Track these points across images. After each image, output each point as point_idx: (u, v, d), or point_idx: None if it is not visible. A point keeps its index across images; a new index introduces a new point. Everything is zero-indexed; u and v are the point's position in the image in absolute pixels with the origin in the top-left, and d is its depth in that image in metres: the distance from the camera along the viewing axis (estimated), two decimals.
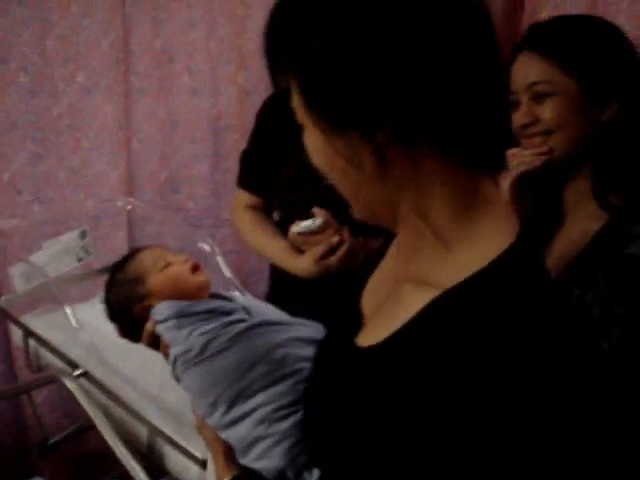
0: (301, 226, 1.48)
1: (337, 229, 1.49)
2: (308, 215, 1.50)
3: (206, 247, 1.94)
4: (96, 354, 1.56)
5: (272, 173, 1.75)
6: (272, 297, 1.87)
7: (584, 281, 1.15)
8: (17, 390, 1.99)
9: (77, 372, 1.59)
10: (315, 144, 0.72)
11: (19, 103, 2.17)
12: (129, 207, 2.28)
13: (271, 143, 1.75)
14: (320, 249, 1.47)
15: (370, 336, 0.76)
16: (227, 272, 1.86)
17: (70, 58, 2.21)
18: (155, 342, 1.15)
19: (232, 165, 2.47)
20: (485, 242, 0.70)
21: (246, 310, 1.13)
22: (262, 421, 0.94)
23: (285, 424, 0.93)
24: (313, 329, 1.06)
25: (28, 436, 2.52)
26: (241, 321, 1.07)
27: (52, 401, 2.41)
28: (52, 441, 1.75)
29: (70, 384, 1.56)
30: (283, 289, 1.80)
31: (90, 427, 1.70)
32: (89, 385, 1.61)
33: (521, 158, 1.24)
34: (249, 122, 1.87)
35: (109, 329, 1.85)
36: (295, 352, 0.99)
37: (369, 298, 0.89)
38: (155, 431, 1.46)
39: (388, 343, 0.71)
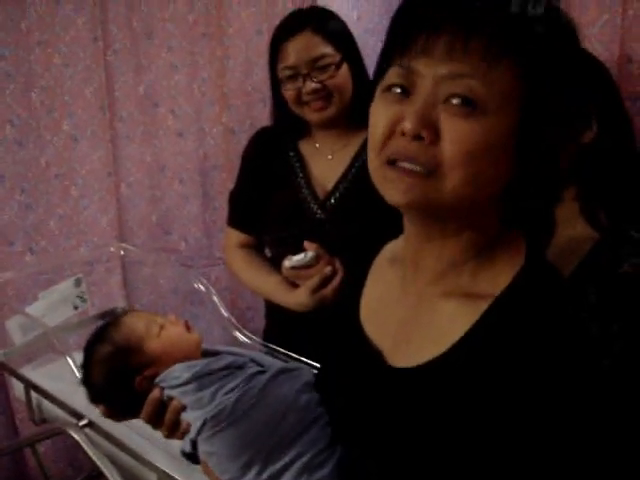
0: (293, 260, 1.50)
1: (329, 260, 1.51)
2: (300, 249, 1.52)
3: (201, 287, 1.95)
4: None
5: (261, 210, 1.76)
6: (269, 333, 1.87)
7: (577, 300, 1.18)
8: (22, 444, 1.97)
9: (82, 422, 1.59)
10: (489, 132, 0.72)
11: (6, 155, 2.19)
12: (122, 252, 2.29)
13: (258, 181, 1.77)
14: (314, 281, 1.49)
15: (413, 356, 0.81)
16: (224, 311, 1.87)
17: (55, 108, 2.24)
18: (158, 413, 1.08)
19: (222, 203, 2.49)
20: (508, 258, 0.81)
21: (254, 361, 1.10)
22: (303, 471, 0.92)
23: (326, 469, 0.91)
24: (310, 372, 1.05)
25: None
26: (260, 373, 1.04)
27: (56, 451, 2.39)
28: None
29: (76, 435, 1.55)
30: (280, 324, 1.81)
31: (97, 476, 1.70)
32: (95, 434, 1.61)
33: None
34: (236, 160, 1.89)
35: None
36: (313, 396, 0.98)
37: (377, 324, 0.92)
38: (165, 477, 1.46)
39: (450, 356, 0.77)
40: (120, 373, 1.10)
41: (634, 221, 1.22)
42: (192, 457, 1.05)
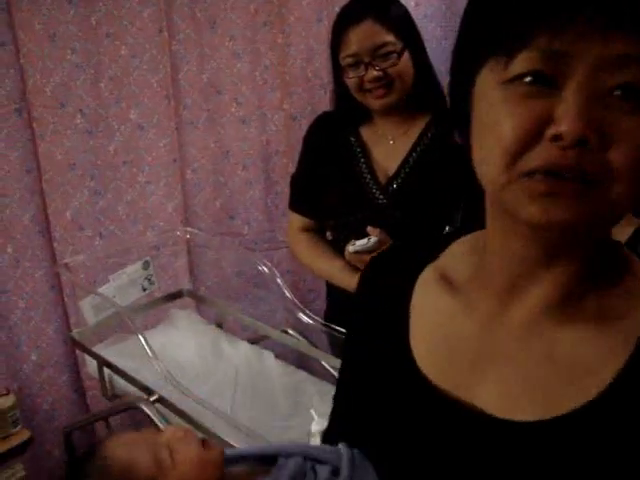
0: (357, 245, 1.53)
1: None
2: (361, 234, 1.55)
3: (265, 269, 2.02)
4: (171, 380, 1.63)
5: (322, 195, 1.80)
6: (330, 315, 1.92)
7: None
8: (96, 417, 2.07)
9: (153, 398, 1.67)
10: None
11: (77, 144, 2.29)
12: (188, 236, 2.36)
13: (319, 165, 1.81)
14: None
15: (540, 404, 0.62)
16: (287, 293, 1.93)
17: (122, 98, 2.32)
18: None
19: (283, 188, 2.55)
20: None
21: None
22: None
23: None
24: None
25: None
26: None
27: (125, 427, 2.48)
28: None
29: (148, 409, 1.63)
30: (341, 306, 1.84)
31: None
32: (164, 409, 1.68)
33: None
34: (297, 146, 1.93)
35: (179, 354, 1.94)
36: None
37: (445, 367, 0.69)
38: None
39: (604, 399, 0.60)
40: None
41: None
42: None
